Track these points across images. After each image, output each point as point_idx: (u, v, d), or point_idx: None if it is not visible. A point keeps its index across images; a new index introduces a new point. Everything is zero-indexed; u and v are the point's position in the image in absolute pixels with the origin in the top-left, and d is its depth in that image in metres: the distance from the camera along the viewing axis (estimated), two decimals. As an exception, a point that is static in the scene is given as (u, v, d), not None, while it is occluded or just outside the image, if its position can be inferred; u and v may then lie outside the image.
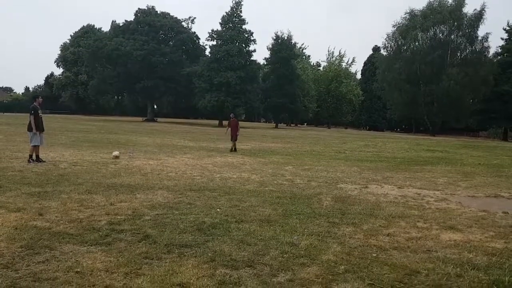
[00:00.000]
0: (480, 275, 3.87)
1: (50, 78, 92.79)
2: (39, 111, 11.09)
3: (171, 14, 66.51)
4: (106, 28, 79.22)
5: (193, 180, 9.24)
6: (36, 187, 7.34)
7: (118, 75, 61.54)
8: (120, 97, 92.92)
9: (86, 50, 62.98)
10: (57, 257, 3.92)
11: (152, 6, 65.32)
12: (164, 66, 60.45)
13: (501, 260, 4.32)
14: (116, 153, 13.08)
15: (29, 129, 10.92)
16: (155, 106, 76.89)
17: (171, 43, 64.94)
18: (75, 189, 7.37)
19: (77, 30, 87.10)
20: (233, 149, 17.83)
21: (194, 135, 31.10)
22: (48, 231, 4.74)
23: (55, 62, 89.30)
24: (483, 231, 5.63)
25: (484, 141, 46.61)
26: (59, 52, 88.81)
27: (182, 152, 16.52)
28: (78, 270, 3.62)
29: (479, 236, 5.33)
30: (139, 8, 64.77)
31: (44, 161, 10.88)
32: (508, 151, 26.29)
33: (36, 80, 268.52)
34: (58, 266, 3.70)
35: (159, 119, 65.82)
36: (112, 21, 69.85)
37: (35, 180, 8.13)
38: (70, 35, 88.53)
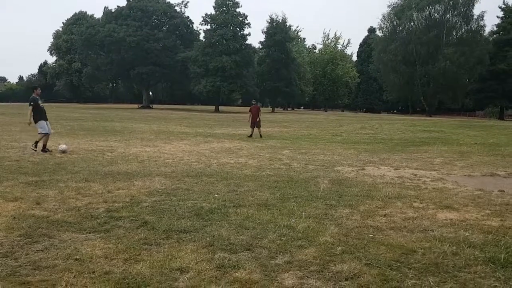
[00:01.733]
0: (476, 252, 3.92)
1: (43, 66, 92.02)
2: (39, 102, 11.00)
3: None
4: (98, 14, 78.30)
5: (190, 166, 9.25)
6: (33, 177, 7.33)
7: (112, 62, 61.02)
8: (114, 84, 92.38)
9: (79, 37, 62.30)
10: (56, 245, 3.94)
11: (144, -9, 64.40)
12: (158, 52, 59.92)
13: (496, 238, 4.37)
14: (63, 146, 11.01)
15: (35, 120, 10.85)
16: (151, 93, 76.49)
17: (165, 28, 64.29)
18: (72, 177, 7.37)
19: (69, 17, 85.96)
20: (251, 135, 17.84)
21: (190, 121, 31.03)
22: (46, 219, 4.75)
23: (48, 50, 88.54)
24: (479, 209, 5.68)
25: (481, 121, 46.76)
26: (52, 40, 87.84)
27: (179, 138, 16.50)
28: (77, 257, 3.64)
29: (475, 215, 5.38)
30: (131, -7, 63.89)
31: (51, 151, 10.75)
32: (504, 130, 26.41)
33: (30, 69, 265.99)
34: (57, 254, 3.72)
35: (154, 106, 65.60)
36: (105, 7, 68.87)
37: (32, 169, 8.11)
38: (63, 23, 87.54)
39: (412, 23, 60.29)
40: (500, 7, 60.95)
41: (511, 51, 56.89)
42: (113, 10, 64.28)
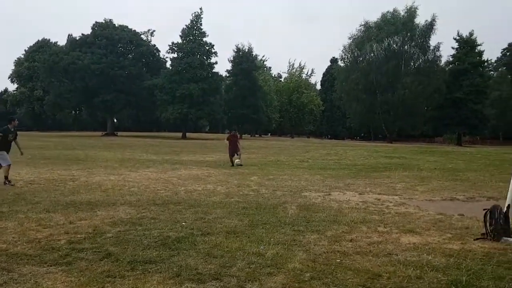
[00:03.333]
0: (439, 276, 4.02)
1: (3, 94, 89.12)
2: (10, 134, 10.58)
3: (129, 27, 65.65)
4: (62, 42, 77.11)
5: (156, 194, 9.09)
6: (-11, 208, 6.98)
7: (75, 89, 59.82)
8: (78, 112, 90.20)
9: (41, 64, 60.95)
10: (16, 279, 3.75)
11: (110, 19, 64.31)
12: (123, 79, 59.41)
13: (458, 261, 4.50)
14: None
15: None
16: (115, 120, 75.20)
17: (131, 56, 63.98)
18: (32, 208, 7.08)
19: (32, 44, 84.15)
20: (233, 164, 16.74)
21: (157, 148, 30.61)
22: (5, 252, 4.52)
23: (9, 77, 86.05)
24: (441, 233, 5.87)
25: (440, 147, 48.67)
26: (13, 67, 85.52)
27: (145, 166, 16.22)
28: (37, 292, 3.48)
29: (437, 238, 5.55)
30: (96, 22, 63.55)
31: (13, 184, 10.10)
32: (462, 156, 27.58)
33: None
34: (15, 289, 3.54)
35: (120, 133, 64.32)
36: (69, 34, 68.06)
37: (-12, 200, 7.73)
38: (25, 50, 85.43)
39: (372, 54, 62.97)
40: (455, 39, 64.78)
41: (466, 80, 60.25)
42: (77, 38, 63.53)
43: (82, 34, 63.26)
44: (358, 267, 4.26)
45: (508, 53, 71.70)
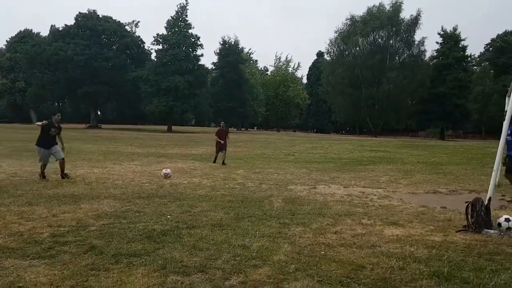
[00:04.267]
0: (421, 267, 4.08)
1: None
2: (53, 128, 10.18)
3: (113, 18, 64.68)
4: (45, 33, 75.59)
5: (141, 187, 9.03)
6: (-31, 201, 6.84)
7: (58, 80, 58.82)
8: (61, 104, 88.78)
9: (23, 55, 59.77)
10: (-4, 274, 3.68)
11: (94, 10, 63.23)
12: (107, 71, 58.59)
13: (440, 252, 4.58)
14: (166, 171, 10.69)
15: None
16: (99, 112, 74.26)
17: (115, 48, 63.08)
18: (15, 201, 6.95)
19: (14, 35, 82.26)
20: (222, 163, 15.06)
21: (142, 141, 30.36)
22: (-15, 247, 4.44)
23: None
24: (423, 225, 5.96)
25: (423, 141, 49.38)
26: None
27: (129, 159, 16.08)
28: (21, 285, 3.42)
29: (420, 231, 5.63)
30: (79, 12, 62.37)
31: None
32: (445, 149, 28.03)
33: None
34: (-4, 283, 3.48)
35: (104, 126, 63.55)
36: (51, 25, 66.82)
37: (-32, 193, 7.57)
38: (6, 41, 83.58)
39: (357, 48, 63.43)
40: (439, 33, 65.60)
41: (450, 75, 61.14)
42: (60, 29, 62.33)
43: (65, 25, 62.23)
44: (342, 258, 4.30)
45: (491, 48, 72.92)
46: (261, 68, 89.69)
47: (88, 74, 57.61)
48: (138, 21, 69.18)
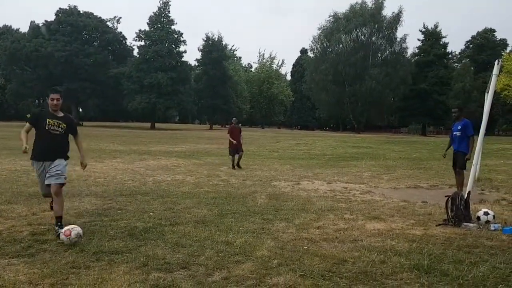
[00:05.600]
0: (402, 260, 4.14)
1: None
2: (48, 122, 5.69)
3: (95, 14, 63.64)
4: (24, 29, 73.89)
5: (123, 184, 8.93)
6: None
7: (38, 77, 57.63)
8: (41, 101, 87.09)
9: (2, 52, 58.25)
10: (-27, 273, 3.60)
11: (74, 6, 62.06)
12: (88, 68, 57.68)
13: (420, 246, 4.66)
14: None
15: None
16: (80, 109, 73.07)
17: (96, 44, 62.09)
18: (-8, 200, 6.80)
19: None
20: (236, 165, 12.89)
21: (124, 138, 30.01)
22: (-38, 246, 4.33)
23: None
24: (404, 219, 6.06)
25: (405, 137, 50.06)
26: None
27: (111, 156, 15.88)
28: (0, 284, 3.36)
29: (401, 225, 5.72)
30: (60, 8, 61.14)
31: None
32: (426, 145, 28.48)
33: None
34: (-27, 283, 3.40)
35: (85, 123, 62.58)
36: (31, 21, 65.25)
37: None
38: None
39: (340, 45, 63.79)
40: (420, 31, 66.47)
41: (431, 72, 62.06)
42: (40, 25, 61.04)
43: (46, 20, 60.96)
44: (325, 253, 4.34)
45: (471, 46, 74.19)
46: (245, 65, 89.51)
47: (69, 71, 56.64)
48: (120, 17, 68.28)
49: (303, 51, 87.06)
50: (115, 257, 4.09)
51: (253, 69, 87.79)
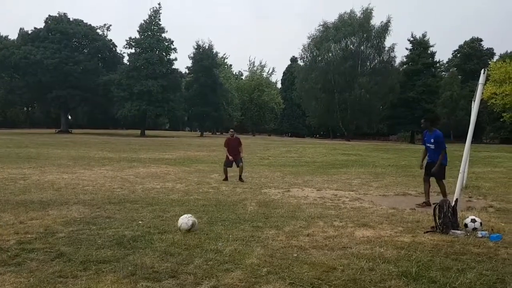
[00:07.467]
0: (390, 267, 4.16)
1: None
2: None
3: (84, 21, 63.40)
4: (13, 36, 73.27)
5: (112, 192, 8.86)
6: None
7: (27, 85, 57.16)
8: (30, 109, 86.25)
9: (-10, 59, 57.67)
10: (-43, 284, 3.54)
11: (64, 13, 61.80)
12: (78, 75, 57.30)
13: (409, 253, 4.68)
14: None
15: None
16: (70, 117, 72.50)
17: (86, 51, 61.76)
18: (-23, 208, 6.69)
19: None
20: (239, 179, 11.59)
21: (113, 145, 29.79)
22: None
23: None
24: (393, 226, 6.09)
25: (394, 144, 50.44)
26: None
27: (100, 164, 15.75)
28: (-18, 295, 3.30)
29: (389, 232, 5.75)
30: (49, 15, 60.81)
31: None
32: (414, 153, 28.67)
33: None
34: (-44, 294, 3.34)
35: (74, 131, 62.05)
36: (20, 28, 64.84)
37: None
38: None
39: (330, 54, 64.29)
40: (408, 40, 67.33)
41: (419, 81, 62.83)
42: (29, 32, 60.57)
43: (35, 28, 60.51)
44: (314, 260, 4.34)
45: (458, 55, 75.35)
46: (235, 73, 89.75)
47: (58, 78, 56.22)
48: (110, 25, 67.85)
49: (293, 60, 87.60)
50: (103, 266, 4.05)
51: (243, 77, 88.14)
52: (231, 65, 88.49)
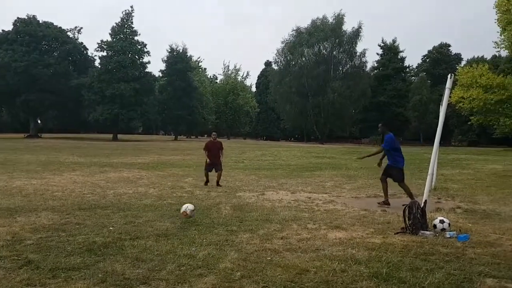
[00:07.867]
0: (362, 268, 4.24)
1: None
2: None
3: (55, 24, 61.83)
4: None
5: (82, 198, 8.66)
6: None
7: (-6, 88, 55.12)
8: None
9: (-44, 63, 55.31)
10: None
11: (33, 16, 60.03)
12: (48, 78, 55.68)
13: (379, 254, 4.78)
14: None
15: None
16: (39, 121, 70.38)
17: (56, 54, 60.13)
18: None
19: None
20: (216, 184, 11.24)
21: (84, 150, 29.11)
22: None
23: None
24: (364, 228, 6.20)
25: (366, 147, 51.33)
26: None
27: (71, 169, 15.36)
28: None
29: (361, 233, 5.85)
30: (18, 18, 58.90)
31: None
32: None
33: None
34: None
35: (44, 135, 60.29)
36: (-13, 31, 62.41)
37: None
38: None
39: (303, 58, 65.14)
40: (379, 45, 68.97)
41: (389, 85, 64.37)
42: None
43: (3, 30, 58.52)
44: (288, 263, 4.37)
45: (427, 60, 77.58)
46: (210, 76, 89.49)
47: (27, 82, 54.48)
48: (81, 28, 66.38)
49: (268, 64, 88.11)
50: (72, 274, 3.95)
51: (218, 81, 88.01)
52: (205, 69, 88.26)
